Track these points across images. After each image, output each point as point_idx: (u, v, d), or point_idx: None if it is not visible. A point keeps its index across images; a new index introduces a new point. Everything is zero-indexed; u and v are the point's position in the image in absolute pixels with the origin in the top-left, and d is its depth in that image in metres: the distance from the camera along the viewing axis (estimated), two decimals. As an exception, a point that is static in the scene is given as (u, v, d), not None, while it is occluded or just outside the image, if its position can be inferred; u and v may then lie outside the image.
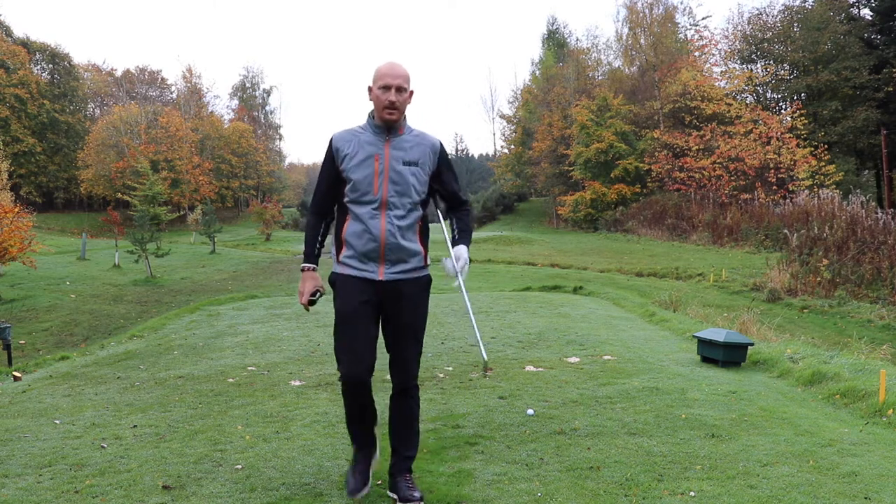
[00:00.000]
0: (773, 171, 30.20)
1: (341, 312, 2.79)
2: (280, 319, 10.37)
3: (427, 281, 2.89)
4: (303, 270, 2.88)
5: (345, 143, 2.80)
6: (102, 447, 4.57)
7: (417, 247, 2.82)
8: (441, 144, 2.91)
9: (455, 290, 2.74)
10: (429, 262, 2.89)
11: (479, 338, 3.00)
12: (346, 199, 2.81)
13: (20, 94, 47.56)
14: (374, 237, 2.73)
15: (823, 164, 29.40)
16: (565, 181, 39.59)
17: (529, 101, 48.57)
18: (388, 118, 2.74)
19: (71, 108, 53.46)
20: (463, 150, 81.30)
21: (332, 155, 2.82)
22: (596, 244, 28.98)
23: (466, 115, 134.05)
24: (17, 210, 18.82)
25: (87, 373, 7.35)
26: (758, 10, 43.93)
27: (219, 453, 3.79)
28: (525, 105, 49.85)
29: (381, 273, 2.76)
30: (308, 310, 2.90)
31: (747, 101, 35.18)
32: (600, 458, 3.45)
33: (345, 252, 2.80)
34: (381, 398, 3.23)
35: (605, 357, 6.68)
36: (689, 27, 41.39)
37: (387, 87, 2.73)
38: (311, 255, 2.90)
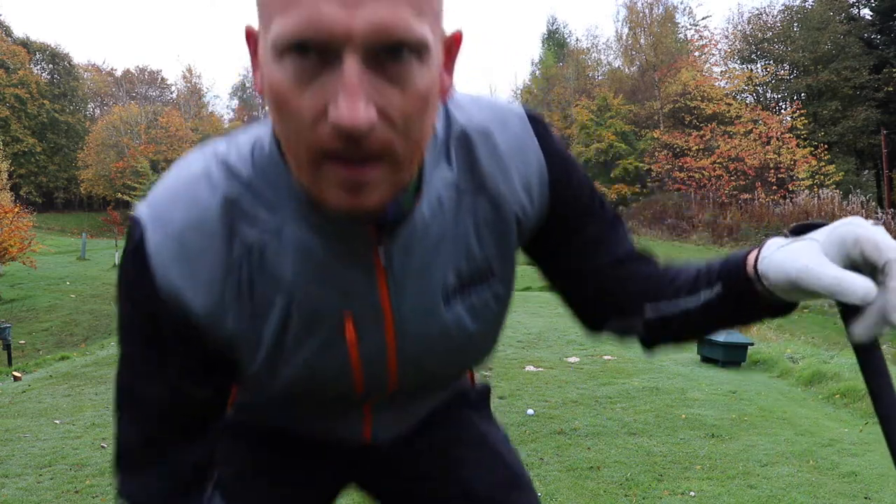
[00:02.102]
0: (773, 170, 30.20)
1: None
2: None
3: (481, 392, 1.04)
4: None
5: (207, 285, 0.62)
6: (102, 447, 4.57)
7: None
8: (558, 146, 0.74)
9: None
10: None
11: None
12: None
13: (20, 93, 47.52)
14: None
15: (823, 163, 29.39)
16: (565, 181, 39.58)
17: (529, 101, 48.58)
18: (344, 206, 0.55)
19: (71, 108, 53.43)
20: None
21: (172, 324, 0.63)
22: (596, 244, 28.94)
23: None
24: (16, 210, 18.83)
25: (87, 373, 7.36)
26: (758, 10, 43.95)
27: (219, 453, 3.80)
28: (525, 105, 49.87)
29: (366, 431, 0.86)
30: None
31: (747, 101, 35.17)
32: (600, 458, 3.45)
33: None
34: None
35: (605, 357, 6.68)
36: (688, 27, 41.39)
37: (328, 51, 0.50)
38: None
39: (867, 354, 0.57)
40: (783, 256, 0.59)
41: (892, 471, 3.81)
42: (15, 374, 7.67)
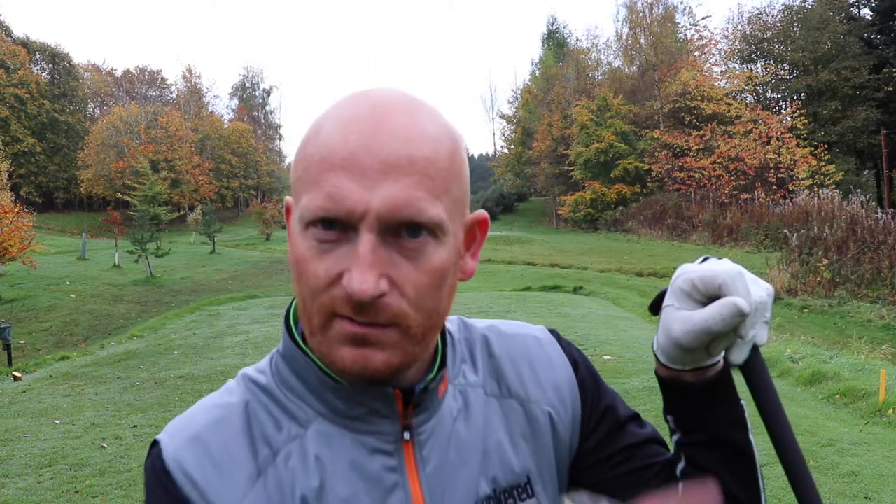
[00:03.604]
0: (772, 170, 30.20)
1: None
2: (280, 319, 10.37)
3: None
4: None
5: (235, 487, 0.59)
6: (102, 447, 4.59)
7: None
8: (578, 352, 0.76)
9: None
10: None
11: None
12: None
13: (20, 94, 47.53)
14: None
15: (823, 163, 29.39)
16: (565, 181, 39.58)
17: (529, 101, 48.56)
18: (349, 361, 0.56)
19: (71, 108, 53.43)
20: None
21: None
22: (596, 244, 28.98)
23: (466, 114, 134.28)
24: (16, 210, 18.82)
25: (87, 373, 7.36)
26: (757, 9, 43.98)
27: (219, 453, 3.81)
28: (525, 105, 49.84)
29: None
30: None
31: (747, 101, 35.17)
32: (600, 458, 3.45)
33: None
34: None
35: (605, 357, 6.68)
36: (688, 27, 41.40)
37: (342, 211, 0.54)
38: None
39: (751, 373, 0.61)
40: (660, 336, 0.63)
41: (891, 471, 3.81)
42: (15, 374, 7.68)
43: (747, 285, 0.59)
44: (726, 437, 0.66)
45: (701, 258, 0.63)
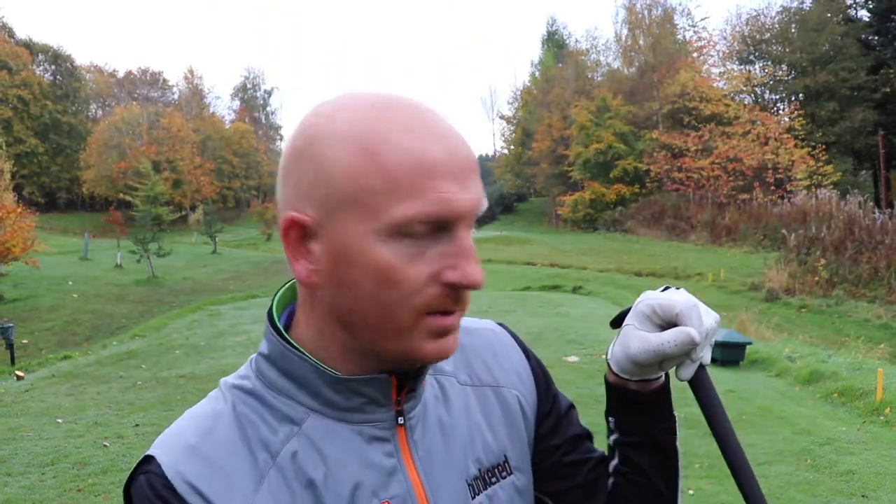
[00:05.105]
0: (771, 171, 30.24)
1: None
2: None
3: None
4: None
5: (239, 494, 0.59)
6: (105, 446, 4.62)
7: None
8: (526, 344, 0.82)
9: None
10: None
11: None
12: None
13: (23, 95, 47.55)
14: None
15: (821, 164, 29.43)
16: (565, 181, 39.62)
17: (529, 102, 48.59)
18: (435, 351, 0.60)
19: (73, 108, 53.48)
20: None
21: None
22: (595, 244, 28.99)
23: (466, 115, 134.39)
24: (19, 210, 18.84)
25: (89, 372, 7.39)
26: (755, 11, 44.06)
27: (221, 451, 3.84)
28: (525, 106, 49.87)
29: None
30: None
31: (745, 102, 35.22)
32: (599, 455, 3.48)
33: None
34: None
35: (605, 356, 6.71)
36: (687, 28, 41.47)
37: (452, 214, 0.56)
38: None
39: (699, 387, 0.69)
40: (618, 348, 0.70)
41: (889, 469, 3.84)
42: (18, 373, 7.71)
43: (700, 316, 0.66)
44: (658, 441, 0.74)
45: (662, 287, 0.70)
